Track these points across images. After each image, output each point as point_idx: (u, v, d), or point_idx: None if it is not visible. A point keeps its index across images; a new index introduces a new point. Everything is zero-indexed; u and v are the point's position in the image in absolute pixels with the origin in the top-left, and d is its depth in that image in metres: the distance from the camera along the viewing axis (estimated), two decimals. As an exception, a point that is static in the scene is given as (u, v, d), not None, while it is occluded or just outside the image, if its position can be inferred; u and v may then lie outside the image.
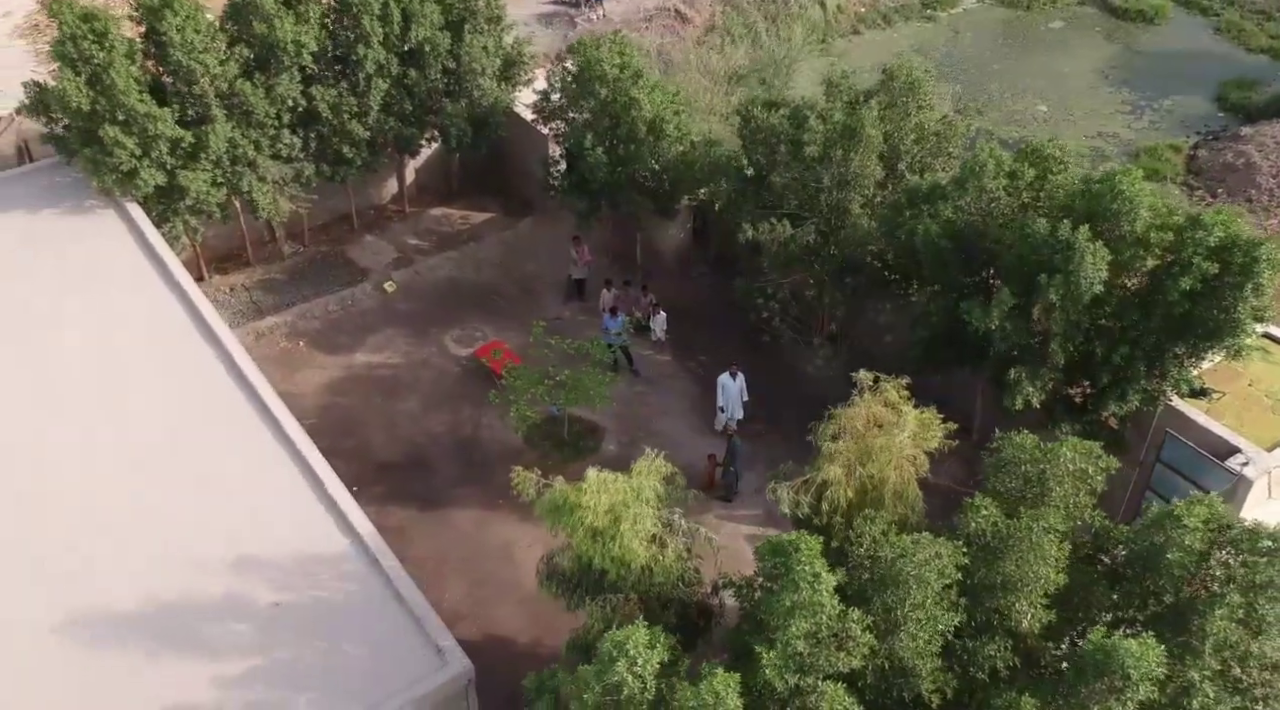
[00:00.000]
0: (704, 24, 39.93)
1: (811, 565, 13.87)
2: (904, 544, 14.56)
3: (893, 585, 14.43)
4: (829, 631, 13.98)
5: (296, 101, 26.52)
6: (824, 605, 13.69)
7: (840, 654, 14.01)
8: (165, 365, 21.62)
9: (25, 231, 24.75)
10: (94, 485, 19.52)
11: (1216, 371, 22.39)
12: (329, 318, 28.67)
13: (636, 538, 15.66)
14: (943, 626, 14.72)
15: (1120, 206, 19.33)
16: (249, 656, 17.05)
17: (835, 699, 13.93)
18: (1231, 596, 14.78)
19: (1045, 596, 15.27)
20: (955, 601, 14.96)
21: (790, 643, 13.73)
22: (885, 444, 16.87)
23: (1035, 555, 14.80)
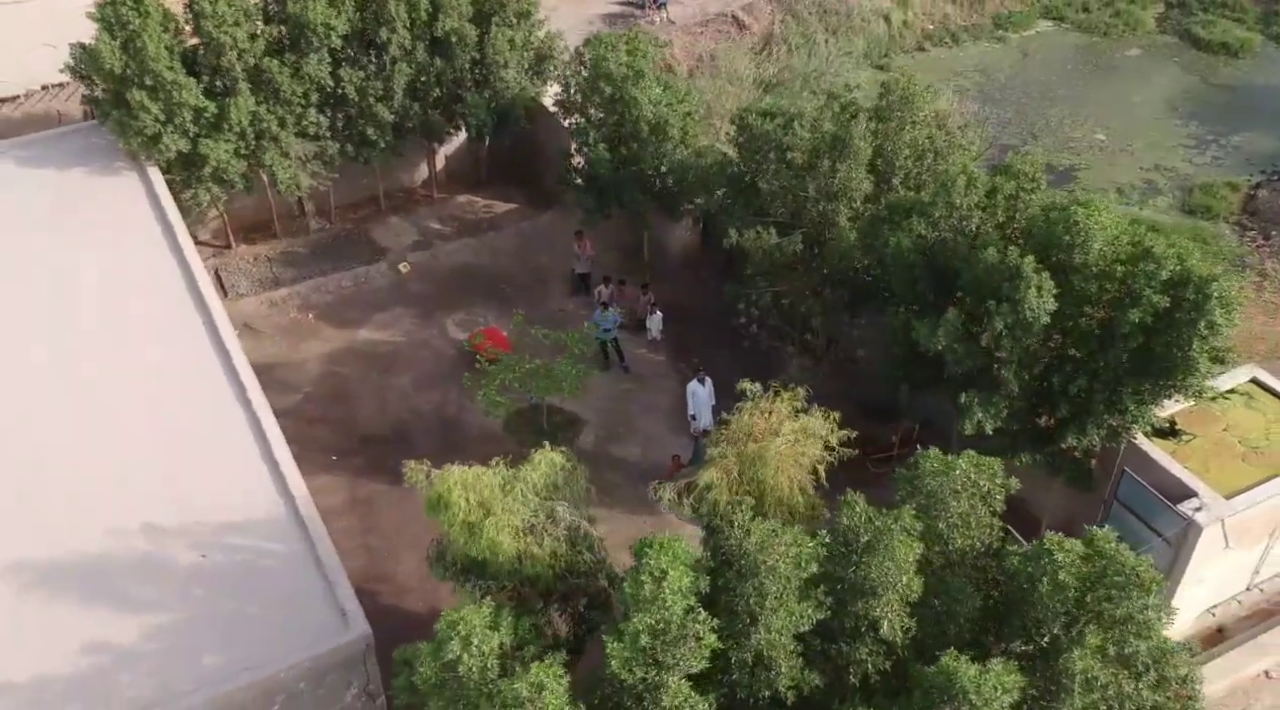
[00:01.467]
0: (762, 32, 39.88)
1: (658, 562, 13.98)
2: (763, 534, 14.56)
3: (751, 576, 14.48)
4: (678, 629, 14.04)
5: (324, 82, 27.47)
6: (665, 601, 13.77)
7: (686, 651, 14.06)
8: (146, 323, 22.66)
9: (50, 186, 26.24)
10: (48, 429, 20.59)
11: (1192, 413, 21.70)
12: (342, 293, 29.61)
13: (502, 531, 15.94)
14: (801, 622, 14.67)
15: (1073, 237, 18.89)
16: (165, 607, 17.82)
17: (679, 694, 14.01)
18: (1092, 635, 14.44)
19: (907, 604, 15.12)
20: (821, 600, 14.90)
21: (635, 636, 13.86)
22: (760, 451, 16.81)
23: (886, 557, 14.64)
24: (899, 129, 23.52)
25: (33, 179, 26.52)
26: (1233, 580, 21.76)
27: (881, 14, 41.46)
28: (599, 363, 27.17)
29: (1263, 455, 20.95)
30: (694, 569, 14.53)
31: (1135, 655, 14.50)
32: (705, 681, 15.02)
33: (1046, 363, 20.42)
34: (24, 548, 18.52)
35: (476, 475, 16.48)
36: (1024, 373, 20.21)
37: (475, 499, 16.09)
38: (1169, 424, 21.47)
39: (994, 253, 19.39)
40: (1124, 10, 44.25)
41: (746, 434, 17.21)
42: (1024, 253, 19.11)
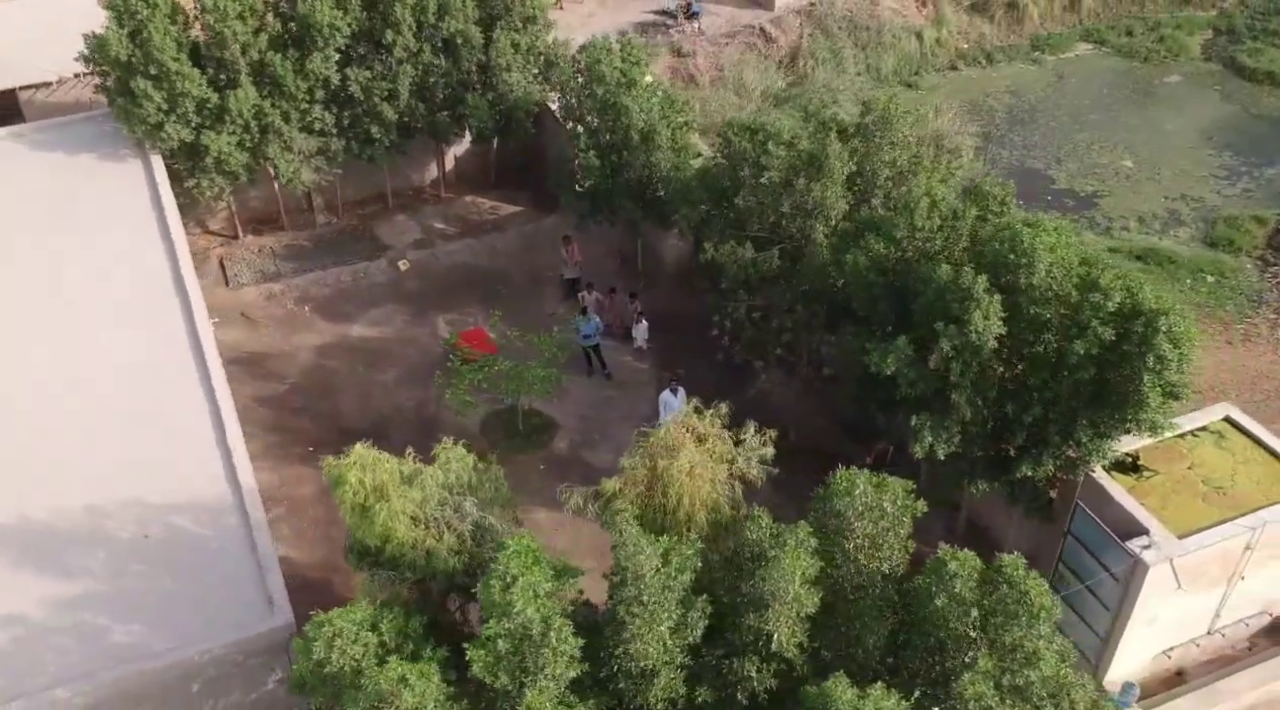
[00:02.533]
0: (790, 46, 39.76)
1: (509, 566, 14.09)
2: (632, 542, 14.59)
3: (624, 584, 14.53)
4: (540, 635, 14.09)
5: (329, 79, 28.00)
6: (514, 605, 13.85)
7: (550, 658, 14.13)
8: (122, 304, 23.38)
9: (55, 169, 27.28)
10: (5, 401, 21.37)
11: (1158, 449, 21.20)
12: (340, 287, 30.12)
13: (397, 518, 16.11)
14: (688, 632, 14.69)
15: (1018, 257, 18.60)
16: (99, 582, 18.36)
17: (535, 702, 14.06)
18: (983, 659, 14.22)
19: (808, 621, 15.04)
20: (703, 609, 14.88)
21: (494, 641, 13.98)
22: (667, 467, 16.78)
23: (775, 568, 14.57)
24: (877, 149, 23.30)
25: (42, 161, 27.51)
26: (1191, 623, 21.17)
27: (913, 31, 41.07)
28: (581, 369, 27.29)
29: (1224, 496, 20.39)
30: (563, 573, 14.63)
31: (1029, 686, 14.24)
32: (599, 689, 15.11)
33: (1002, 389, 20.10)
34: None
35: (376, 458, 16.70)
36: (977, 398, 19.93)
37: (371, 482, 16.28)
38: (1131, 459, 21.02)
39: (947, 271, 19.16)
40: (1169, 35, 43.33)
41: (665, 447, 17.19)
42: (977, 273, 18.85)
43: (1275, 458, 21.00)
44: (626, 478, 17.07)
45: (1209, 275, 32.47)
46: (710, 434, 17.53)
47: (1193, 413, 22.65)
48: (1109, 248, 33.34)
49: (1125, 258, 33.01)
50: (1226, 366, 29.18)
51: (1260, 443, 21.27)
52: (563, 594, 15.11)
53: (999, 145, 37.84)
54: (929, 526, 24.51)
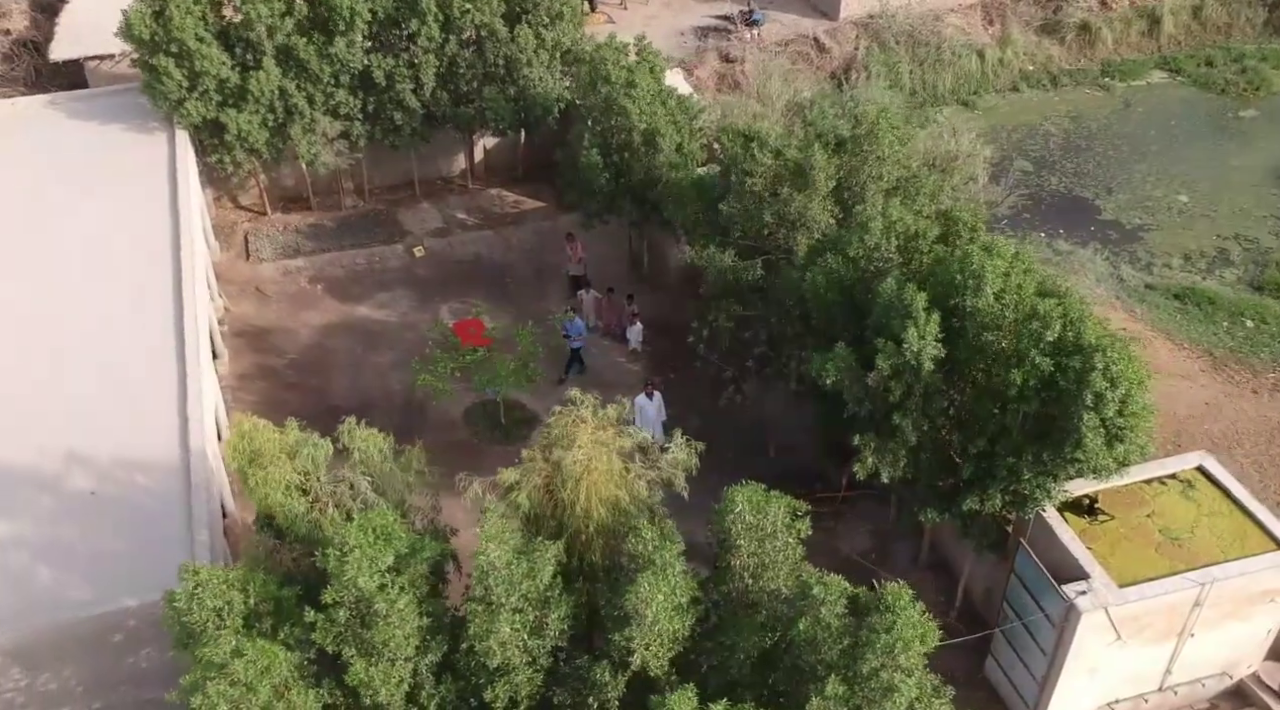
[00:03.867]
0: (843, 58, 39.20)
1: (347, 535, 14.39)
2: (487, 538, 14.72)
3: (479, 580, 14.66)
4: (383, 606, 14.39)
5: (353, 64, 28.61)
6: (349, 574, 14.11)
7: (388, 631, 14.33)
8: (116, 265, 24.25)
9: (84, 136, 28.41)
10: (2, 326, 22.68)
11: (1120, 493, 20.44)
12: (354, 269, 30.76)
13: (269, 485, 16.36)
14: (524, 629, 14.76)
15: (965, 278, 18.07)
16: (38, 528, 19.14)
17: (356, 674, 14.35)
18: (832, 686, 13.91)
19: (674, 640, 14.93)
20: (566, 613, 15.08)
21: (333, 610, 14.34)
22: (559, 461, 16.74)
23: (636, 594, 14.47)
24: (863, 163, 22.87)
25: (74, 129, 28.73)
26: (1139, 677, 20.33)
27: (976, 50, 40.10)
28: (567, 366, 27.38)
29: (1179, 548, 19.53)
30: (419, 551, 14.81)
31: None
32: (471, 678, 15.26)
33: (950, 417, 19.57)
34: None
35: (255, 426, 17.01)
36: (924, 423, 19.43)
37: (248, 448, 16.60)
38: (1088, 500, 20.27)
39: (890, 286, 18.74)
40: (1252, 68, 41.47)
41: (564, 440, 17.18)
42: (923, 292, 18.39)
43: (1243, 513, 20.03)
44: (524, 469, 17.09)
45: (1248, 320, 31.03)
46: (609, 430, 17.41)
47: (1166, 458, 21.84)
48: (1145, 284, 32.19)
49: (1161, 295, 31.84)
50: (1247, 416, 27.86)
51: (1230, 496, 20.32)
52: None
53: (1049, 171, 36.75)
54: (894, 554, 24.31)
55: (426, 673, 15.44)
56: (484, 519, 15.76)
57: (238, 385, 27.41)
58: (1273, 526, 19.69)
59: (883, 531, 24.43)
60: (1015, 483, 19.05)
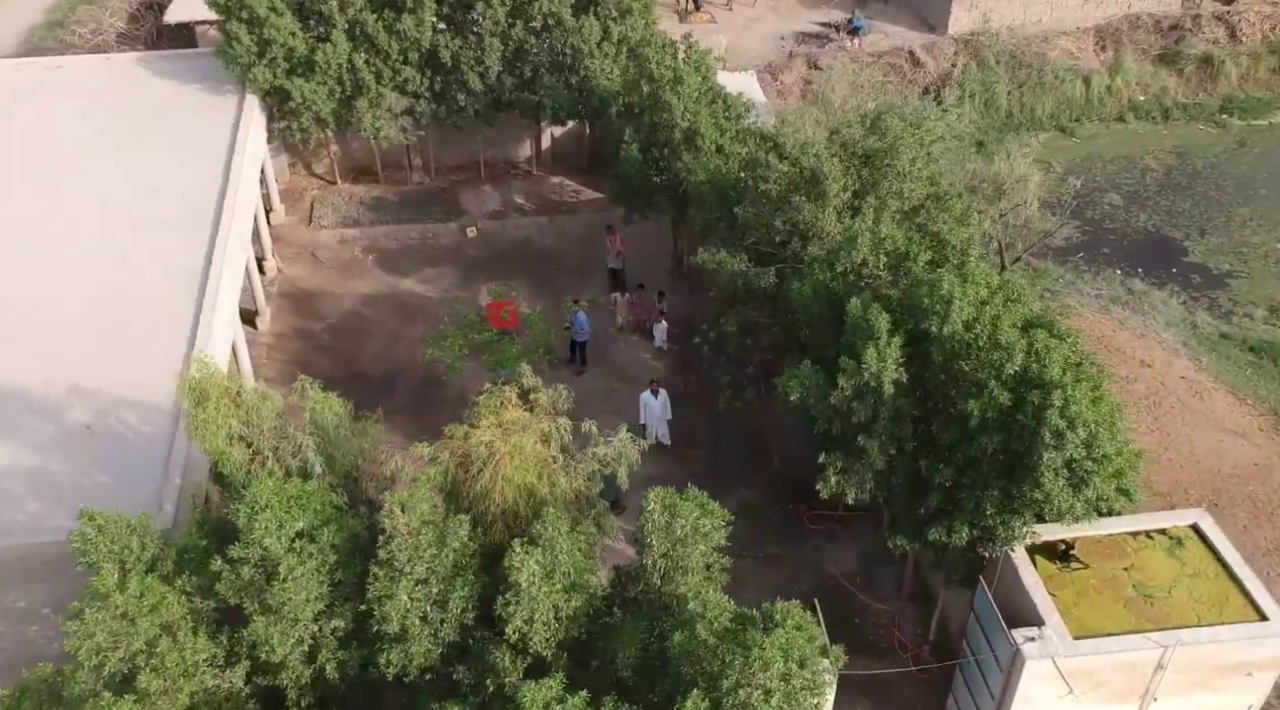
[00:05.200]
0: (939, 73, 38.21)
1: (258, 497, 14.74)
2: (396, 502, 14.91)
3: (383, 543, 14.99)
4: (286, 570, 14.79)
5: (422, 43, 29.29)
6: (255, 534, 14.45)
7: (292, 590, 14.67)
8: (167, 218, 25.37)
9: (162, 94, 29.91)
10: (21, 276, 23.95)
11: (1101, 541, 19.45)
12: (407, 242, 31.51)
13: (210, 428, 16.79)
14: (425, 600, 14.96)
15: (932, 303, 17.44)
16: (29, 456, 20.14)
17: (255, 632, 14.78)
18: (694, 700, 13.66)
19: (550, 617, 14.96)
20: (470, 590, 15.25)
21: (238, 564, 14.76)
22: (469, 437, 16.80)
23: (509, 557, 14.59)
24: (883, 177, 22.27)
25: (155, 86, 30.26)
26: (1100, 736, 19.27)
27: (1082, 75, 38.54)
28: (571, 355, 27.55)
29: (1150, 606, 18.46)
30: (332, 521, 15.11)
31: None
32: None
33: (919, 444, 18.92)
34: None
35: (214, 368, 17.47)
36: (890, 446, 18.84)
37: (199, 388, 17.09)
38: (1064, 546, 19.34)
39: (856, 305, 18.23)
40: (1392, 117, 38.77)
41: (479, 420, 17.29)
42: (888, 312, 17.85)
43: (1230, 578, 18.81)
44: (439, 446, 17.26)
45: (1326, 382, 29.05)
46: (538, 418, 17.43)
47: (1160, 512, 20.71)
48: (1220, 333, 30.45)
49: (1235, 346, 30.10)
50: (1297, 483, 26.12)
51: (1220, 558, 19.11)
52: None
53: (1139, 206, 35.11)
54: (880, 580, 23.65)
55: (332, 637, 15.73)
56: (413, 488, 16.00)
57: (273, 344, 28.40)
58: (1259, 596, 18.43)
59: (872, 555, 23.78)
60: (981, 518, 18.31)
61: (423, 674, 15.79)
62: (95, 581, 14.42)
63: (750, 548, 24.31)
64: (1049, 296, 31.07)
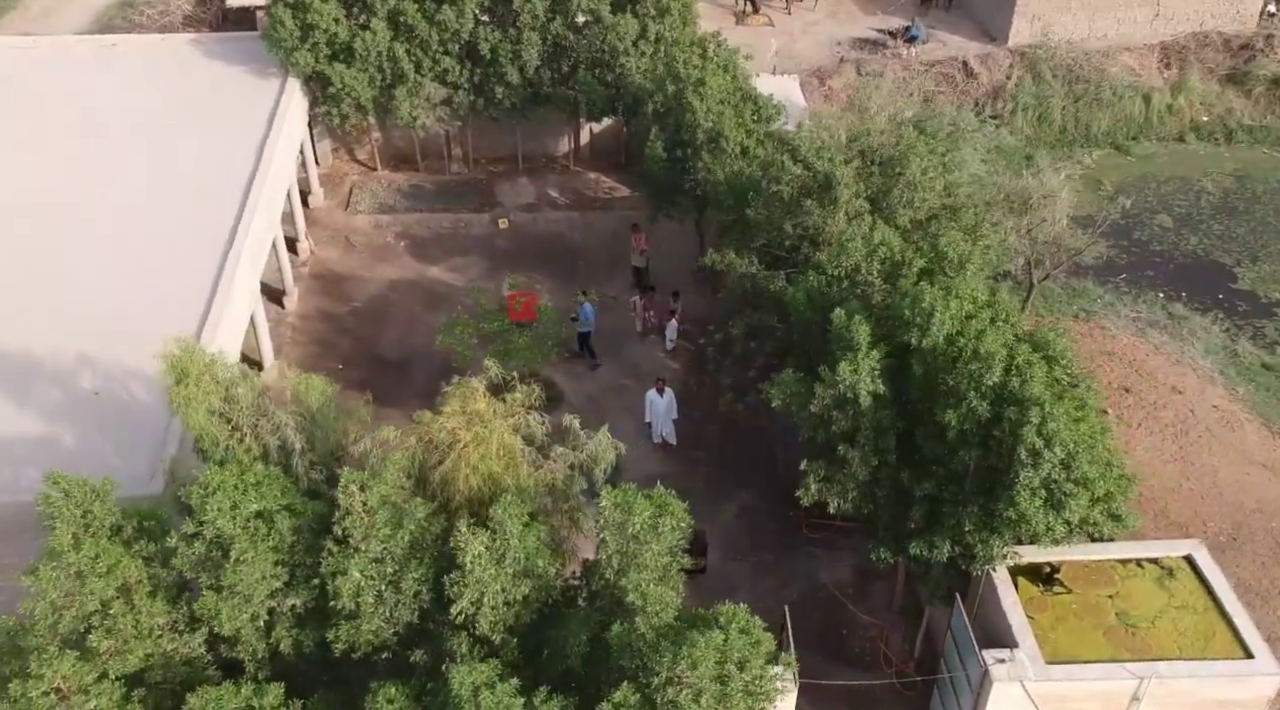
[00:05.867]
0: (991, 84, 37.54)
1: (211, 478, 15.03)
2: (352, 478, 15.13)
3: (339, 519, 15.24)
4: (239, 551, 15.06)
5: (462, 34, 29.60)
6: (208, 513, 14.71)
7: (245, 570, 14.90)
8: (196, 195, 26.00)
9: (210, 74, 30.73)
10: (52, 240, 24.83)
11: (1090, 567, 18.96)
12: (439, 231, 31.85)
13: (189, 404, 17.10)
14: (380, 579, 15.13)
15: (913, 316, 17.15)
16: (34, 418, 20.74)
17: (204, 604, 15.07)
18: (623, 692, 13.64)
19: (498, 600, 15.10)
20: (424, 574, 15.45)
21: (191, 540, 15.10)
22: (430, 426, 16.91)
23: (455, 537, 14.88)
24: (894, 185, 21.97)
25: (205, 65, 31.13)
26: (1076, 766, 18.77)
27: (1141, 92, 37.57)
28: (581, 349, 27.62)
29: (1131, 636, 17.95)
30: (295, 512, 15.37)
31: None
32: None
33: (902, 456, 18.63)
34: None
35: (192, 346, 17.78)
36: (872, 458, 18.58)
37: (178, 366, 17.42)
38: (1049, 568, 18.89)
39: (840, 315, 18.01)
40: None
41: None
42: (870, 322, 17.62)
43: (1219, 613, 18.21)
44: (406, 430, 17.40)
45: (1371, 418, 27.96)
46: (511, 410, 17.49)
47: (1154, 541, 20.14)
48: (1262, 363, 29.49)
49: (1276, 377, 29.09)
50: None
51: (1211, 592, 18.51)
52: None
53: (1191, 229, 34.14)
54: (873, 592, 23.35)
55: (290, 615, 15.94)
56: (381, 468, 16.19)
57: (297, 324, 28.90)
58: (1246, 633, 17.81)
59: (867, 567, 23.32)
60: (961, 535, 17.97)
61: (378, 653, 15.94)
62: (51, 541, 14.82)
63: (746, 552, 24.21)
64: (1084, 317, 30.48)
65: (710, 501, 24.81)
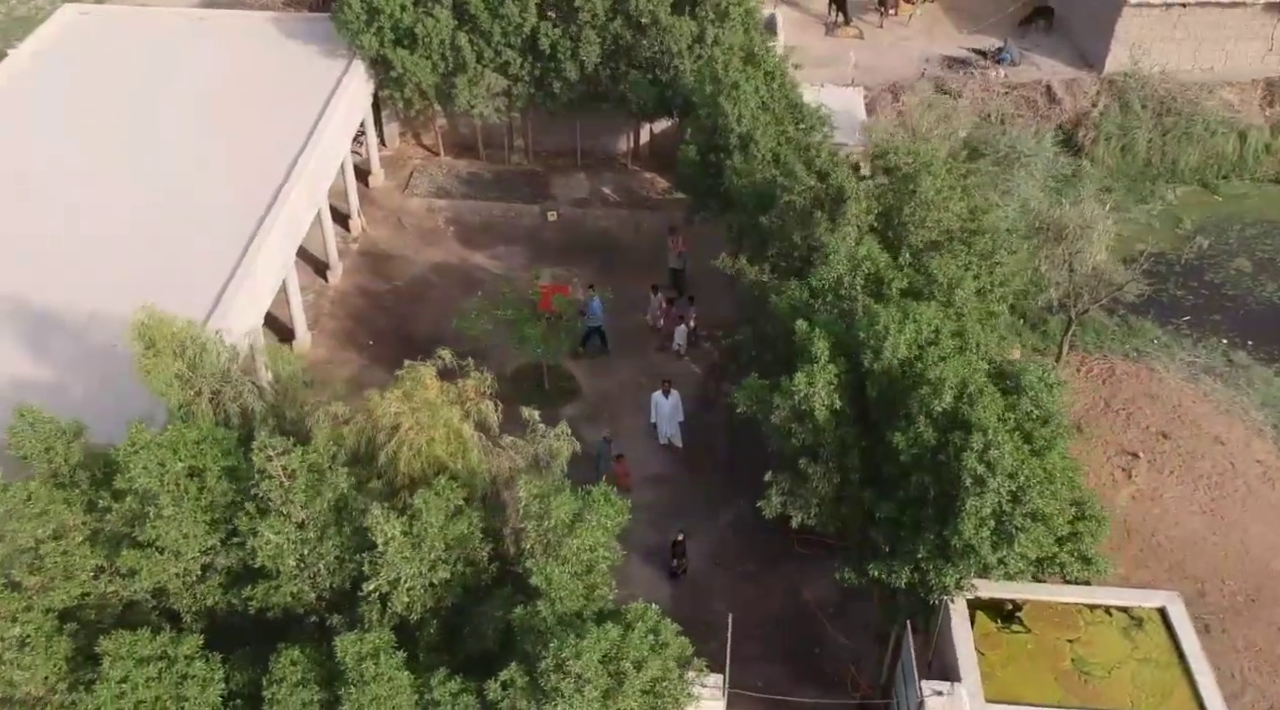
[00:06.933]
0: (1075, 111, 36.32)
1: (137, 437, 15.75)
2: (269, 443, 15.56)
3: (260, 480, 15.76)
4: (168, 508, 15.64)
5: (524, 28, 30.04)
6: (131, 471, 15.30)
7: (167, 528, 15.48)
8: (244, 166, 26.97)
9: (281, 52, 31.80)
10: (92, 200, 26.01)
11: (1054, 609, 18.27)
12: (489, 219, 32.35)
13: (156, 373, 17.71)
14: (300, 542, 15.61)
15: (867, 336, 16.77)
16: (54, 368, 21.74)
17: (127, 557, 15.63)
18: (510, 671, 13.80)
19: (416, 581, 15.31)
20: (344, 545, 15.89)
21: (125, 494, 15.72)
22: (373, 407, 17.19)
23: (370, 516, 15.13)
24: (906, 203, 21.50)
25: (277, 44, 32.26)
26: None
27: (1237, 129, 35.86)
28: (581, 346, 27.80)
29: (1084, 684, 17.23)
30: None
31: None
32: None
33: (863, 476, 18.25)
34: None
35: (161, 317, 18.38)
36: (834, 474, 18.25)
37: (145, 334, 18.05)
38: (1012, 606, 18.27)
39: (804, 327, 17.72)
40: None
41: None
42: (831, 336, 17.31)
43: (1183, 670, 17.35)
44: (354, 408, 17.72)
45: None
46: (460, 396, 17.69)
47: (1135, 590, 19.29)
48: (1313, 415, 27.92)
49: (1316, 435, 27.53)
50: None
51: (1179, 648, 17.63)
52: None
53: (1271, 276, 32.45)
54: (852, 612, 22.91)
55: (222, 574, 16.39)
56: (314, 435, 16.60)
57: (337, 298, 29.71)
58: (1207, 695, 16.91)
59: (851, 587, 22.94)
60: (915, 561, 17.53)
61: (310, 616, 16.32)
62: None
63: (733, 560, 23.98)
64: (1134, 356, 29.30)
65: (707, 506, 24.69)
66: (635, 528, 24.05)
